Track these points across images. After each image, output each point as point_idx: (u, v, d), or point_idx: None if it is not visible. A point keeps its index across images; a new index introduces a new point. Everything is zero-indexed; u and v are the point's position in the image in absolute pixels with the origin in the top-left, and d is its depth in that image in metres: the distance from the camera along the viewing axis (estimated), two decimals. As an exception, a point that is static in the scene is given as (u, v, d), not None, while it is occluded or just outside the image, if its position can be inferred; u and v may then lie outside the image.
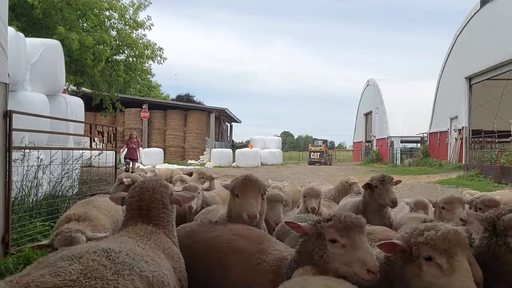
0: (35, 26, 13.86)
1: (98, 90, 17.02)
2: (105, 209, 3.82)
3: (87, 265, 1.75)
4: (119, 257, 1.90)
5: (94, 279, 1.67)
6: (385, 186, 4.08)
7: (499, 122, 22.99)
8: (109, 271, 1.78)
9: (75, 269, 1.69)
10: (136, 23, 16.80)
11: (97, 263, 1.78)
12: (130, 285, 1.79)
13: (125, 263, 1.89)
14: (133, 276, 1.85)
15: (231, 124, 45.17)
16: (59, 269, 1.68)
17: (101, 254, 1.86)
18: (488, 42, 20.09)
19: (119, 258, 1.89)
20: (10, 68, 5.52)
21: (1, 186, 5.00)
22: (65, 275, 1.64)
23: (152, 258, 2.13)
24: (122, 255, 1.93)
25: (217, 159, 29.08)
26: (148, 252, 2.20)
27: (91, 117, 26.41)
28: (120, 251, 1.96)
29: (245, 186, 3.17)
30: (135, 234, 2.40)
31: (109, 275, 1.75)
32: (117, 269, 1.81)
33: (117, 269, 1.81)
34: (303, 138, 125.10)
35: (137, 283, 1.84)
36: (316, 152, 37.99)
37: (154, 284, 1.96)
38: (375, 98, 39.94)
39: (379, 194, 4.10)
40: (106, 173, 10.68)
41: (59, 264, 1.74)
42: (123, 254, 1.95)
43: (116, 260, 1.87)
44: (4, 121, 5.04)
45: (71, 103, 10.56)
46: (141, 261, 2.00)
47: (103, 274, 1.73)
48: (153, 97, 43.52)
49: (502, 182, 14.33)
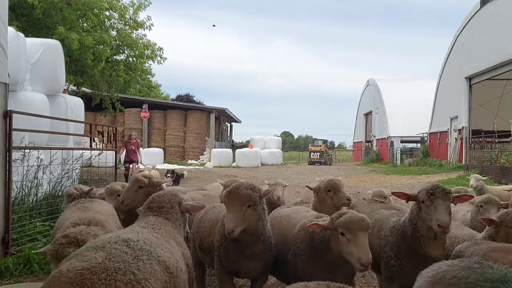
0: (35, 26, 13.86)
1: (98, 90, 17.01)
2: (108, 213, 3.78)
3: (110, 252, 1.97)
4: (138, 245, 2.14)
5: (117, 262, 1.90)
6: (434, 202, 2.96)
7: (499, 122, 22.99)
8: (129, 256, 1.99)
9: (100, 256, 1.92)
10: (136, 23, 16.80)
11: (119, 251, 2.00)
12: (149, 268, 2.00)
13: (143, 250, 2.12)
14: (151, 260, 2.07)
15: (231, 124, 45.17)
16: (85, 257, 1.91)
17: (121, 243, 2.09)
18: (488, 42, 20.09)
19: (137, 246, 2.13)
20: (10, 68, 5.52)
21: (1, 186, 5.00)
22: (92, 260, 1.87)
23: (165, 246, 2.37)
24: (140, 243, 2.17)
25: (217, 159, 29.08)
26: (161, 240, 2.43)
27: (91, 117, 26.41)
28: (138, 240, 2.20)
29: (225, 198, 3.09)
30: (147, 224, 2.66)
31: (130, 259, 1.97)
32: (136, 255, 2.03)
33: (136, 255, 2.03)
34: (303, 138, 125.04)
35: (155, 267, 2.06)
36: (316, 152, 37.99)
37: (171, 268, 2.19)
38: (375, 98, 39.94)
39: (427, 213, 2.99)
40: (106, 173, 10.68)
41: (85, 253, 1.97)
42: (141, 242, 2.18)
43: (135, 247, 2.10)
44: (4, 121, 5.05)
45: (71, 103, 10.56)
46: (157, 248, 2.23)
47: (124, 258, 1.95)
48: (153, 97, 43.51)
49: (502, 182, 14.32)
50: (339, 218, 2.79)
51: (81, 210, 3.66)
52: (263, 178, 18.83)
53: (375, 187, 14.88)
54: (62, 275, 1.78)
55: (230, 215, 2.98)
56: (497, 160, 15.81)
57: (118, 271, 1.85)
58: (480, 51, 20.82)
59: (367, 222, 2.74)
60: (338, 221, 2.78)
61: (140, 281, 1.88)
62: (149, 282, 1.93)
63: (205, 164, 28.57)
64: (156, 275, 2.02)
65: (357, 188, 14.23)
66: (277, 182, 5.36)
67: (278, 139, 39.44)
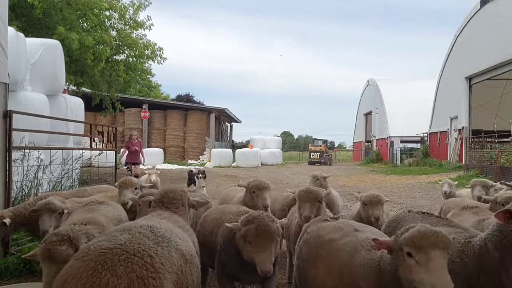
0: (35, 26, 13.86)
1: (98, 90, 17.01)
2: (113, 216, 3.76)
3: (134, 235, 2.17)
4: (160, 232, 2.34)
5: (137, 244, 2.08)
6: None
7: (499, 122, 22.99)
8: (151, 241, 2.19)
9: (124, 237, 2.12)
10: (136, 23, 16.80)
11: (143, 235, 2.21)
12: (167, 254, 2.19)
13: (164, 237, 2.31)
14: (170, 248, 2.27)
15: (231, 124, 45.17)
16: (112, 237, 2.13)
17: (146, 228, 2.31)
18: (488, 42, 20.08)
19: (160, 232, 2.33)
20: (10, 68, 5.52)
21: (1, 186, 5.00)
22: (116, 241, 2.07)
23: (182, 235, 2.57)
24: (162, 231, 2.38)
25: (217, 159, 29.08)
26: (178, 230, 2.63)
27: (91, 117, 26.41)
28: (161, 227, 2.42)
29: (256, 237, 2.81)
30: (163, 216, 2.88)
31: (151, 244, 2.16)
32: (157, 241, 2.23)
33: (157, 241, 2.23)
34: (303, 138, 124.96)
35: (173, 254, 2.25)
36: (316, 152, 37.98)
37: (187, 256, 2.39)
38: (375, 98, 39.93)
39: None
40: (106, 173, 10.68)
41: (113, 234, 2.20)
42: (163, 230, 2.40)
43: (157, 233, 2.31)
44: (4, 121, 5.05)
45: (71, 103, 10.57)
46: (176, 237, 2.43)
47: (145, 242, 2.14)
48: (153, 97, 43.50)
49: (502, 182, 14.32)
50: (403, 234, 2.13)
51: (87, 211, 3.69)
52: (263, 178, 18.85)
53: (375, 187, 14.89)
54: (88, 253, 1.98)
55: (265, 255, 2.74)
56: (497, 160, 15.80)
57: (137, 254, 2.01)
58: (480, 51, 20.82)
59: (444, 238, 2.05)
60: (402, 238, 2.11)
61: (155, 264, 2.03)
62: (164, 266, 2.09)
63: (205, 164, 28.56)
64: (173, 261, 2.20)
65: (357, 188, 14.23)
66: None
67: (278, 139, 39.43)
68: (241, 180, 5.75)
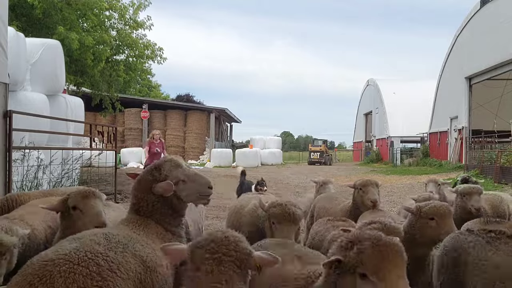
0: (35, 26, 13.85)
1: (98, 90, 17.00)
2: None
3: (84, 243, 2.02)
4: (115, 238, 2.16)
5: (84, 252, 1.93)
6: None
7: (499, 122, 22.97)
8: (102, 247, 2.02)
9: (71, 246, 1.98)
10: (136, 23, 16.79)
11: (93, 242, 2.04)
12: (120, 259, 2.02)
13: (119, 243, 2.14)
14: (126, 253, 2.09)
15: (231, 124, 45.16)
16: (59, 247, 2.00)
17: (100, 235, 2.13)
18: (488, 42, 20.07)
19: (115, 239, 2.15)
20: (10, 68, 5.52)
21: (1, 186, 5.00)
22: (61, 251, 1.94)
23: (146, 242, 2.34)
24: (119, 237, 2.19)
25: (217, 159, 29.09)
26: (143, 237, 2.40)
27: (91, 117, 26.39)
28: (118, 234, 2.23)
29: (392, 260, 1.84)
30: (129, 223, 2.55)
31: (102, 250, 2.00)
32: (110, 247, 2.06)
33: (110, 247, 2.06)
34: (303, 138, 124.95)
35: (129, 259, 2.08)
36: (316, 152, 37.96)
37: (148, 263, 2.18)
38: (375, 98, 39.92)
39: None
40: (106, 173, 10.68)
41: (62, 243, 2.07)
42: (120, 236, 2.21)
43: (112, 239, 2.13)
44: (4, 121, 5.05)
45: (71, 103, 10.57)
46: (136, 243, 2.24)
47: (94, 249, 1.98)
48: (153, 97, 43.48)
49: (502, 182, 14.31)
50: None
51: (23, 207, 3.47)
52: (263, 178, 18.82)
53: (375, 187, 14.88)
54: (29, 266, 1.87)
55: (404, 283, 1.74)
56: (497, 160, 15.79)
57: (81, 263, 1.87)
58: (480, 51, 20.80)
59: None
60: None
61: (102, 273, 1.89)
62: (116, 273, 1.94)
63: (205, 164, 28.57)
64: (129, 266, 2.03)
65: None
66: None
67: (278, 139, 39.42)
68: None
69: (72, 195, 2.90)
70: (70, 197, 2.89)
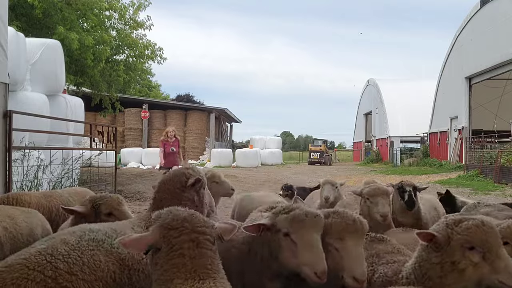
0: (35, 26, 13.85)
1: (98, 90, 17.00)
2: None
3: (51, 244, 1.94)
4: (91, 235, 2.07)
5: (43, 256, 1.86)
6: None
7: (499, 122, 22.98)
8: (68, 247, 1.94)
9: (36, 249, 1.91)
10: (136, 23, 16.79)
11: (62, 241, 1.97)
12: (86, 260, 1.93)
13: (93, 240, 2.04)
14: (98, 251, 2.00)
15: (231, 124, 45.17)
16: (25, 251, 1.93)
17: (78, 232, 2.06)
18: (488, 42, 20.08)
19: (90, 236, 2.06)
20: (10, 68, 5.52)
21: (1, 186, 5.00)
22: (23, 255, 1.87)
23: None
24: (96, 234, 2.10)
25: (217, 159, 29.08)
26: (138, 229, 2.34)
27: (91, 117, 26.38)
28: (99, 230, 2.14)
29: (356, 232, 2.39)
30: (138, 218, 2.59)
31: (65, 250, 1.92)
32: (79, 246, 1.97)
33: (79, 246, 1.97)
34: (303, 138, 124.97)
35: (100, 258, 1.98)
36: (316, 152, 37.98)
37: (128, 261, 2.08)
38: (375, 98, 39.94)
39: None
40: (106, 173, 10.66)
41: (33, 244, 2.00)
42: (99, 233, 2.11)
43: (85, 237, 2.04)
44: (4, 121, 5.05)
45: (71, 103, 10.56)
46: None
47: (56, 251, 1.90)
48: (153, 97, 43.47)
49: (502, 182, 14.32)
50: None
51: None
52: (263, 178, 18.84)
53: (375, 187, 14.87)
54: None
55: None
56: (497, 160, 15.79)
57: (37, 268, 1.80)
58: (480, 51, 20.82)
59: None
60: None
61: (58, 277, 1.81)
62: (77, 275, 1.86)
63: (205, 164, 28.56)
64: (99, 266, 1.95)
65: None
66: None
67: (278, 139, 39.44)
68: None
69: (106, 201, 2.98)
70: (103, 203, 2.96)
